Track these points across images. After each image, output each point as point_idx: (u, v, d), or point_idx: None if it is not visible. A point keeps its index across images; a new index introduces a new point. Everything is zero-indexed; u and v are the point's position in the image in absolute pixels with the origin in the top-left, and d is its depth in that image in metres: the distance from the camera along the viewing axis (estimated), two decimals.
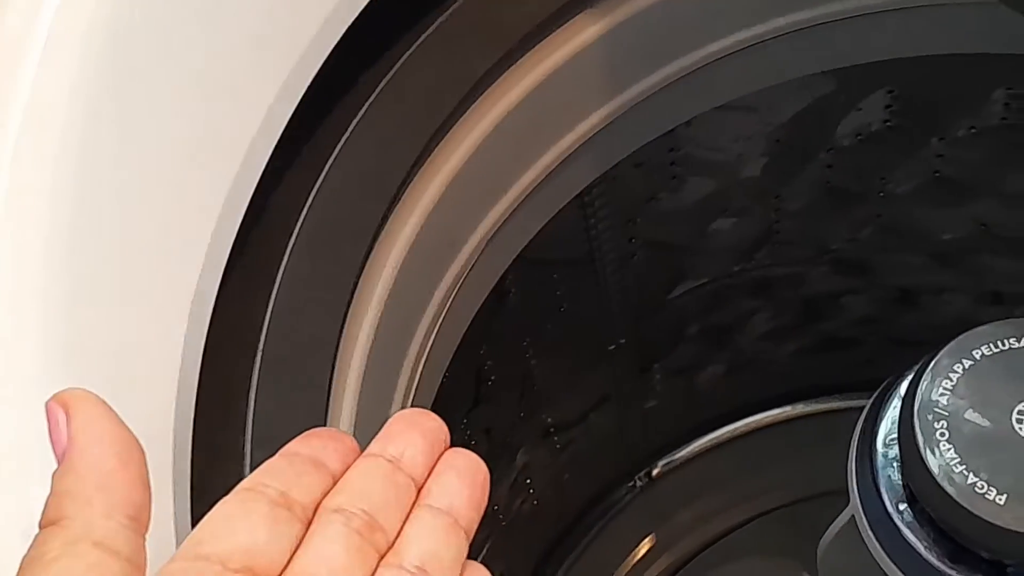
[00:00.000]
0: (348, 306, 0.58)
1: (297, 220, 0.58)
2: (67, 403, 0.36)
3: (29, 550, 0.34)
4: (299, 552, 0.36)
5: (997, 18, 0.70)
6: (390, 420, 0.41)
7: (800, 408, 1.13)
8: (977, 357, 0.63)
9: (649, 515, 1.12)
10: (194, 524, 0.46)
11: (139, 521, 0.35)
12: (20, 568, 0.33)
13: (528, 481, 0.99)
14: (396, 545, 0.37)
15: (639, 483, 1.12)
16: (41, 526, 0.34)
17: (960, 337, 0.64)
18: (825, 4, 0.69)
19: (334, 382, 0.56)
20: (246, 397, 0.54)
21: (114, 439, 0.35)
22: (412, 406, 0.64)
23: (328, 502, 0.38)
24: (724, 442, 1.13)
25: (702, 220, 0.91)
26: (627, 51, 0.67)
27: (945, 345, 0.64)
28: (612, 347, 0.98)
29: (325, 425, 0.54)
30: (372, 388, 0.59)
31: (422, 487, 0.39)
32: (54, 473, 0.35)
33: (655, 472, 1.12)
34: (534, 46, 0.64)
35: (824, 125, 0.84)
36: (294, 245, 0.57)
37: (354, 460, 0.39)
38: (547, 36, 0.64)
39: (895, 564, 0.66)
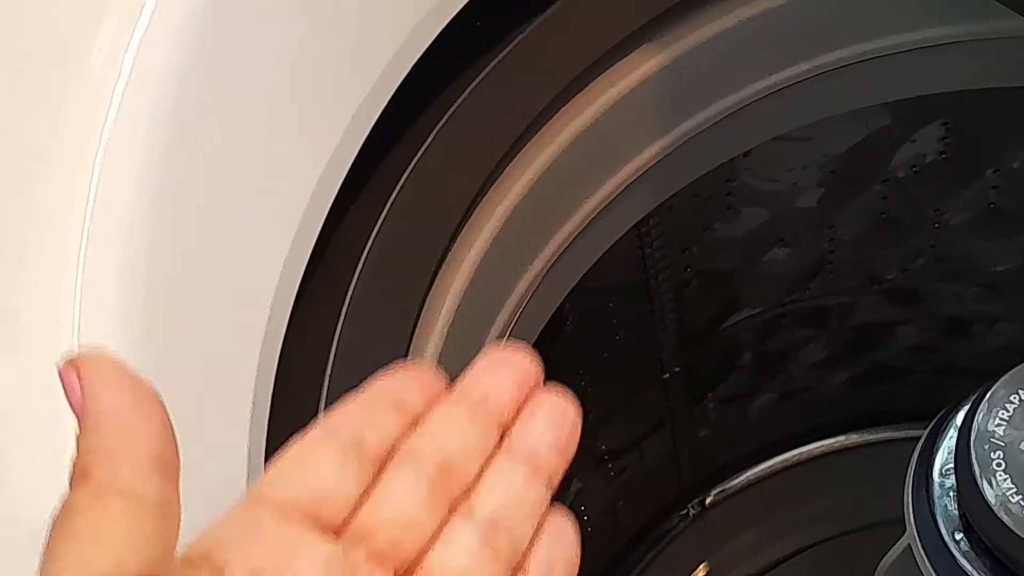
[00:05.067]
0: (412, 335, 0.59)
1: (362, 252, 0.59)
2: (78, 364, 0.34)
3: (58, 507, 0.33)
4: (366, 499, 0.35)
5: None
6: (479, 357, 0.38)
7: (853, 438, 1.13)
8: None
9: (702, 543, 1.12)
10: None
11: (165, 465, 0.34)
12: (52, 525, 0.33)
13: (582, 508, 0.99)
14: (470, 495, 0.36)
15: (692, 511, 1.12)
16: (69, 485, 0.34)
17: (1016, 368, 0.64)
18: (880, 39, 0.70)
19: None
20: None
21: (128, 390, 0.34)
22: None
23: (402, 447, 0.36)
24: (777, 471, 1.13)
25: (757, 250, 0.91)
26: (685, 85, 0.67)
27: (999, 375, 0.64)
28: (666, 375, 0.99)
29: None
30: None
31: (508, 430, 0.37)
32: (76, 435, 0.34)
33: (708, 500, 1.12)
34: (593, 80, 0.65)
35: (879, 157, 0.84)
36: (359, 276, 0.58)
37: (438, 398, 0.37)
38: (606, 70, 0.65)
39: None
